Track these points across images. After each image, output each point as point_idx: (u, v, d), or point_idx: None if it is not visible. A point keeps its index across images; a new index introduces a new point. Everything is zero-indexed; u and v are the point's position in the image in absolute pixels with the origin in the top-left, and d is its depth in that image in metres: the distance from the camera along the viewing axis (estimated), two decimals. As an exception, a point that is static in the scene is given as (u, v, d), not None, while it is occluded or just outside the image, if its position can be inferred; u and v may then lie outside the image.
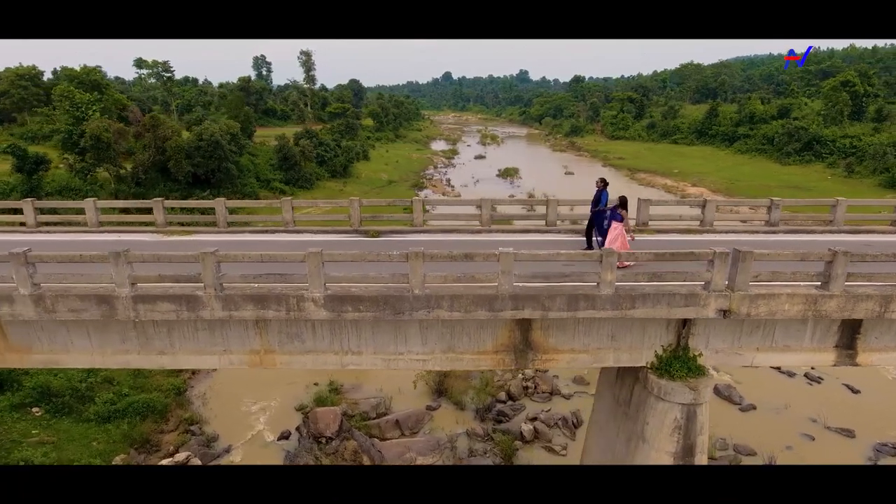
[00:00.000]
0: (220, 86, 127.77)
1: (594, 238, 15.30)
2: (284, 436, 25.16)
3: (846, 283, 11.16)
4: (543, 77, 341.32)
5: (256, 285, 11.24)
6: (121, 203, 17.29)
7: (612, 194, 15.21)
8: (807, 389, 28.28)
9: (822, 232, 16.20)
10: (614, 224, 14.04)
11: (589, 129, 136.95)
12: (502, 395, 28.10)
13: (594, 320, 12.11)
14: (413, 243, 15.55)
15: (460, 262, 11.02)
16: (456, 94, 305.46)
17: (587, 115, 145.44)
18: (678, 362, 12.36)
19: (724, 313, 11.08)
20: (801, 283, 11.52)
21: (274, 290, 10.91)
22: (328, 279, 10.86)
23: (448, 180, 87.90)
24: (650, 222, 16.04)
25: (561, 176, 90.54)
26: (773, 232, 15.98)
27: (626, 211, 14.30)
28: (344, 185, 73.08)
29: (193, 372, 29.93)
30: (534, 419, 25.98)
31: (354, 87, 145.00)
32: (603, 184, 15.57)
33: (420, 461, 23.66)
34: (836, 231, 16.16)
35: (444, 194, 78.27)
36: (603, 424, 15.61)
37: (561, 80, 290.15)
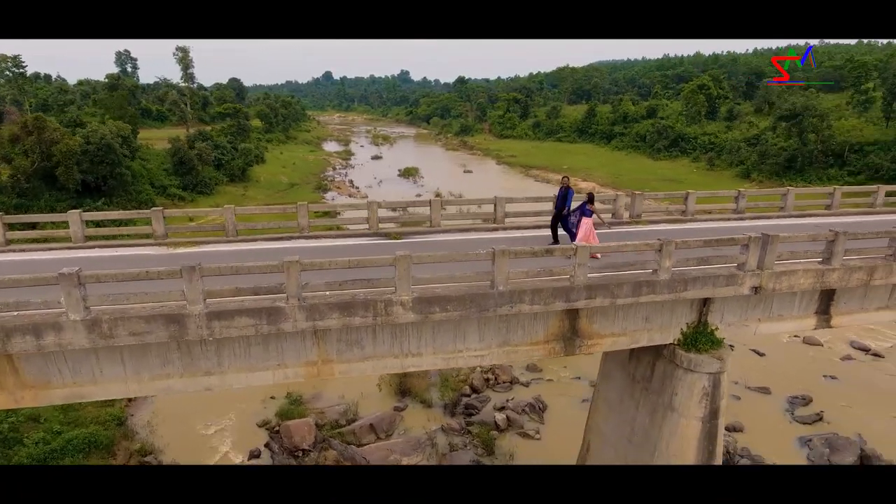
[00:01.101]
0: (80, 83, 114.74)
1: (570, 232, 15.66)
2: (255, 454, 24.04)
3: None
4: (425, 77, 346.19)
5: (329, 293, 10.90)
6: (115, 214, 15.43)
7: (509, 191, 16.34)
8: (723, 356, 32.08)
9: (778, 217, 18.84)
10: (584, 220, 14.98)
11: (478, 128, 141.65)
12: (466, 389, 28.81)
13: (631, 305, 13.22)
14: (435, 243, 15.84)
15: (541, 258, 11.53)
16: (339, 93, 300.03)
17: (475, 114, 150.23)
18: (703, 337, 13.89)
19: (756, 290, 12.73)
20: (802, 261, 13.50)
21: (358, 295, 10.66)
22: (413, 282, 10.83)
23: (351, 181, 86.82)
24: (643, 214, 17.63)
25: (461, 174, 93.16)
26: (742, 218, 18.32)
27: (594, 206, 15.41)
28: (245, 190, 69.44)
29: (130, 399, 27.30)
30: (502, 408, 26.97)
31: (235, 87, 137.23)
32: (567, 181, 16.15)
33: (405, 462, 23.68)
34: (788, 216, 18.88)
35: (349, 195, 77.15)
36: (616, 403, 16.87)
37: (442, 81, 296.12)
